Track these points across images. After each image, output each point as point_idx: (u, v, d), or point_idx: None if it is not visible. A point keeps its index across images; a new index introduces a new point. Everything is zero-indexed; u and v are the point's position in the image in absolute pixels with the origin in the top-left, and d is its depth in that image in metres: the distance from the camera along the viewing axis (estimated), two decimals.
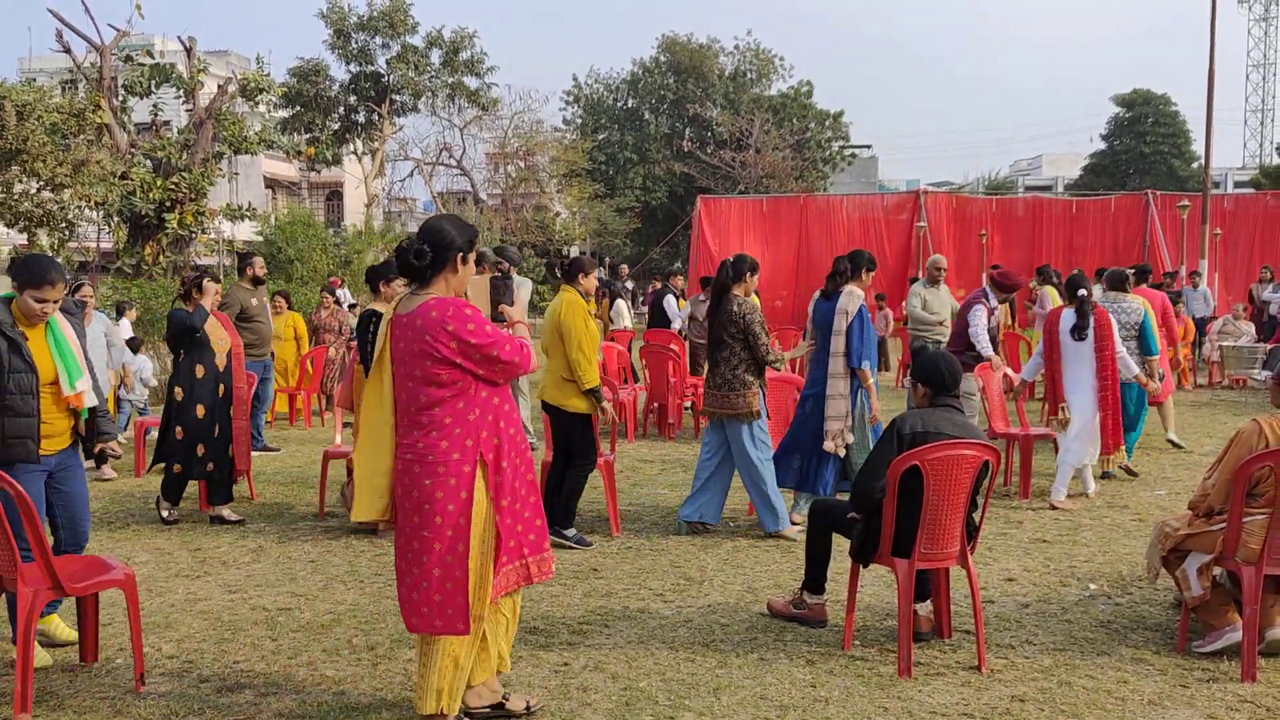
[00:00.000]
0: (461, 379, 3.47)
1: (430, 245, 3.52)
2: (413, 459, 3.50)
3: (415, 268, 3.53)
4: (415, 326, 3.45)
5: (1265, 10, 66.93)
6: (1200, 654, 4.45)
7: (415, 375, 3.48)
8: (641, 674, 4.28)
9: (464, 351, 3.43)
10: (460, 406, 3.48)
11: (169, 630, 4.83)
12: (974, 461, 4.24)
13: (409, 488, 3.51)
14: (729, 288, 6.49)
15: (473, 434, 3.49)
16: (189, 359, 6.98)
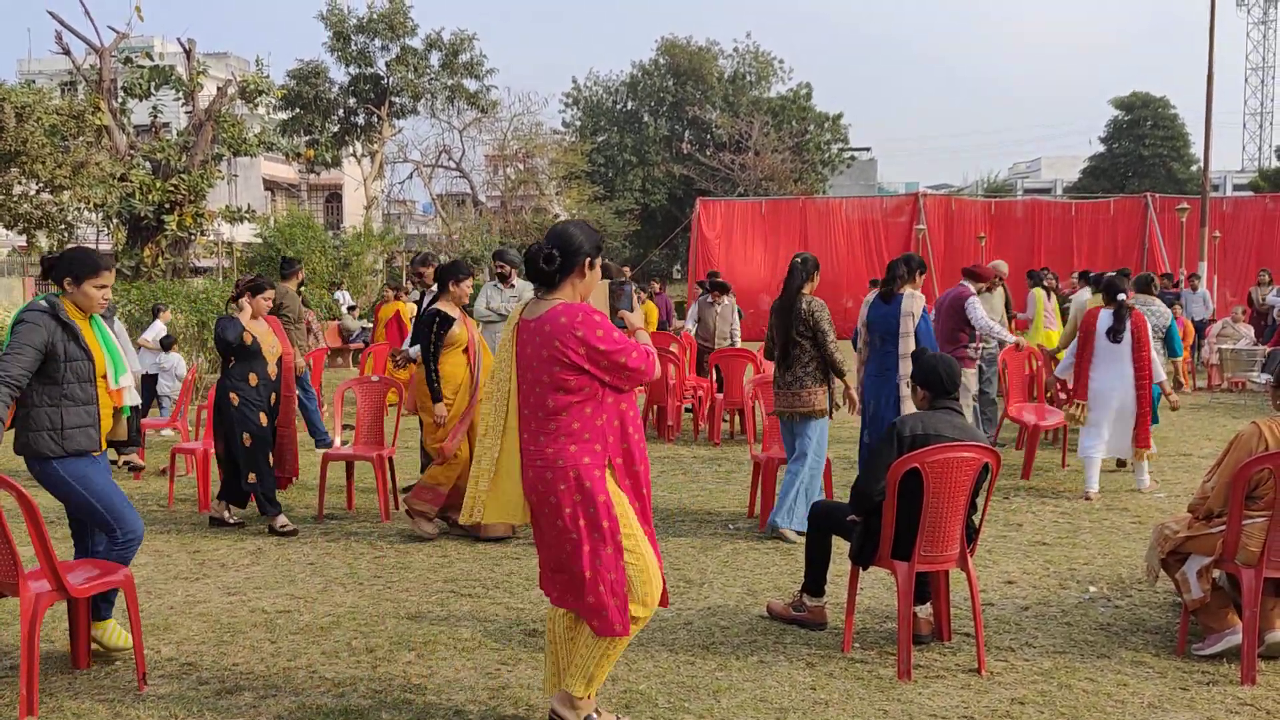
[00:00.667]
0: (589, 385, 3.43)
1: (559, 250, 3.48)
2: (543, 465, 3.47)
3: (544, 272, 3.50)
4: (544, 332, 3.42)
5: (1264, 13, 67.06)
6: (1200, 657, 4.45)
7: (543, 381, 3.44)
8: (641, 676, 4.28)
9: (592, 358, 3.39)
10: (588, 412, 3.45)
11: (168, 632, 4.83)
12: (974, 464, 4.24)
13: (544, 495, 3.48)
14: (800, 288, 6.50)
15: (601, 439, 3.47)
16: (240, 367, 6.77)
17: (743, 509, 7.30)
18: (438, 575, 5.74)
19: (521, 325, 3.54)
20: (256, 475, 6.75)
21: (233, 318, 6.85)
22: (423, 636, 4.74)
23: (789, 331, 6.45)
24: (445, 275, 6.77)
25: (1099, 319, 7.62)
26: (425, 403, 6.59)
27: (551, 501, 3.46)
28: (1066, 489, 7.98)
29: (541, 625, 4.89)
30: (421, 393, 6.63)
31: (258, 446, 6.77)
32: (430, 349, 6.49)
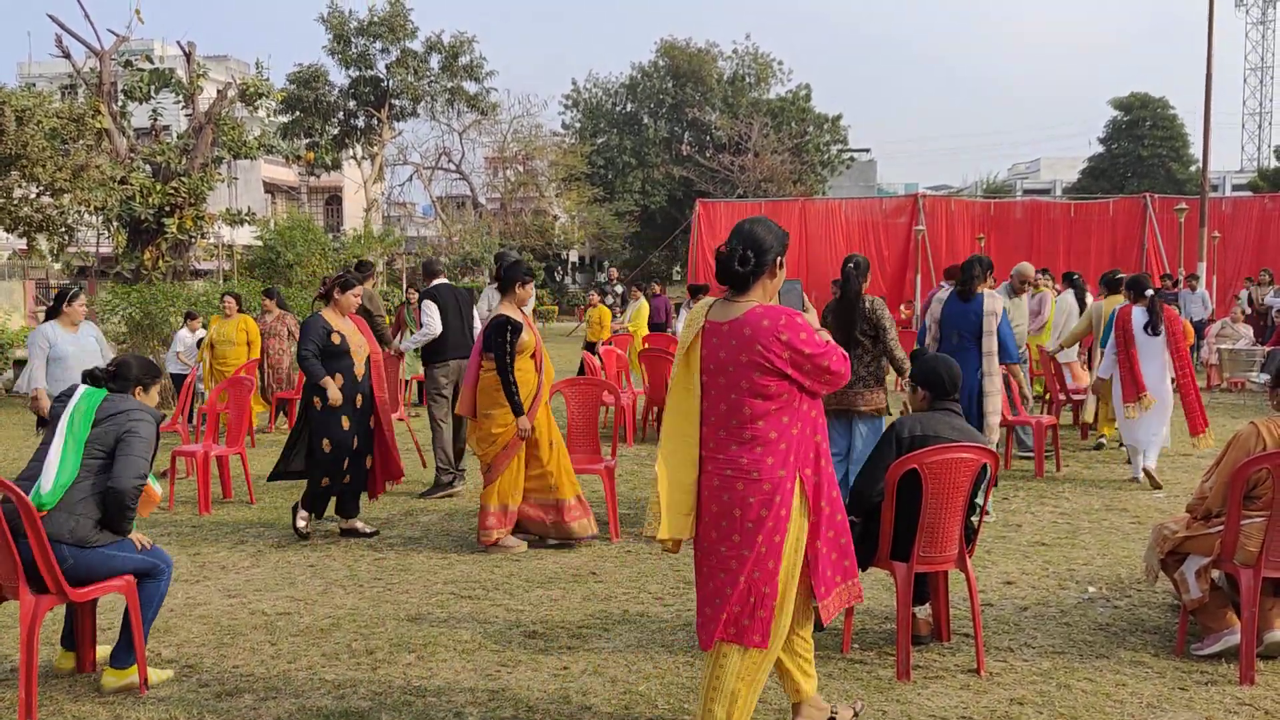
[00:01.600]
0: (788, 391, 3.31)
1: (752, 251, 3.36)
2: (734, 474, 3.33)
3: (738, 275, 3.37)
4: (743, 335, 3.29)
5: (1262, 14, 67.09)
6: (1199, 656, 4.45)
7: (740, 386, 3.31)
8: (641, 678, 4.29)
9: (795, 361, 3.27)
10: (785, 420, 3.32)
11: (168, 635, 4.83)
12: (972, 465, 4.25)
13: (730, 504, 3.33)
14: (860, 289, 6.59)
15: (796, 449, 3.35)
16: (327, 366, 6.56)
17: None
18: (438, 577, 5.75)
19: (710, 328, 3.40)
20: (329, 480, 6.59)
21: (318, 316, 6.70)
22: (423, 638, 4.75)
23: (850, 331, 6.52)
24: (511, 276, 6.41)
25: (1133, 315, 7.99)
26: (493, 408, 6.23)
27: (735, 514, 3.33)
28: (1065, 490, 7.99)
29: (541, 628, 4.90)
30: (488, 399, 6.26)
31: (337, 453, 6.56)
32: (506, 358, 6.15)
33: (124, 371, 4.40)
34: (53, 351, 7.16)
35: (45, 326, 7.41)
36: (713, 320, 3.42)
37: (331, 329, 6.62)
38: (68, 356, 7.18)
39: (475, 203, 39.93)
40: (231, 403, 8.11)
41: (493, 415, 6.21)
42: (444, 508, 7.53)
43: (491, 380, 6.21)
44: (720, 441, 3.38)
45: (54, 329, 7.35)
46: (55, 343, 7.17)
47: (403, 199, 41.73)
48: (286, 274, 21.62)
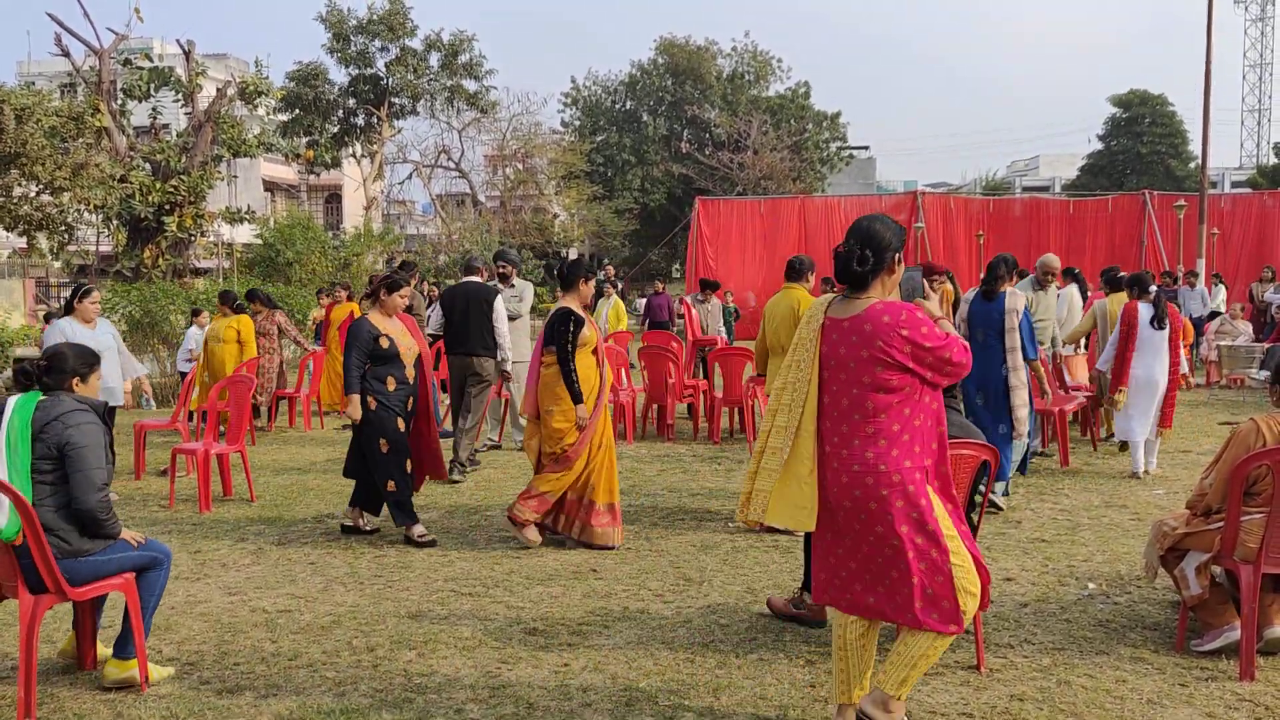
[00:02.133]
0: (911, 384, 3.36)
1: (871, 249, 3.42)
2: (862, 470, 3.37)
3: (857, 273, 3.43)
4: (864, 331, 3.35)
5: (1261, 10, 67.05)
6: (1199, 653, 4.46)
7: (863, 382, 3.37)
8: (641, 674, 4.29)
9: (917, 355, 3.33)
10: (907, 413, 3.38)
11: (169, 632, 4.84)
12: (972, 461, 4.25)
13: (862, 500, 3.38)
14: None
15: (920, 441, 3.40)
16: (378, 370, 6.44)
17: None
18: (438, 574, 5.76)
19: (831, 324, 3.46)
20: (395, 484, 6.42)
21: (365, 318, 6.55)
22: (423, 635, 4.76)
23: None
24: (574, 273, 6.44)
25: (1139, 311, 8.18)
26: (554, 404, 6.22)
27: (871, 508, 3.37)
28: (1065, 486, 7.99)
29: (541, 625, 4.90)
30: (549, 395, 6.24)
31: (394, 453, 6.44)
32: (568, 350, 6.18)
33: (58, 364, 4.18)
34: None
35: (62, 323, 7.40)
36: (833, 317, 3.47)
37: (378, 333, 6.45)
38: None
39: (475, 201, 39.89)
40: (232, 401, 8.11)
41: (553, 412, 6.21)
42: (445, 505, 7.53)
43: (553, 375, 6.22)
44: (844, 436, 3.43)
45: (71, 325, 7.34)
46: (73, 339, 7.08)
47: (402, 197, 41.71)
48: (286, 272, 21.63)
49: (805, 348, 3.53)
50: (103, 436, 4.13)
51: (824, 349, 3.47)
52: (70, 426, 4.02)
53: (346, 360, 6.42)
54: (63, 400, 4.11)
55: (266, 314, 11.28)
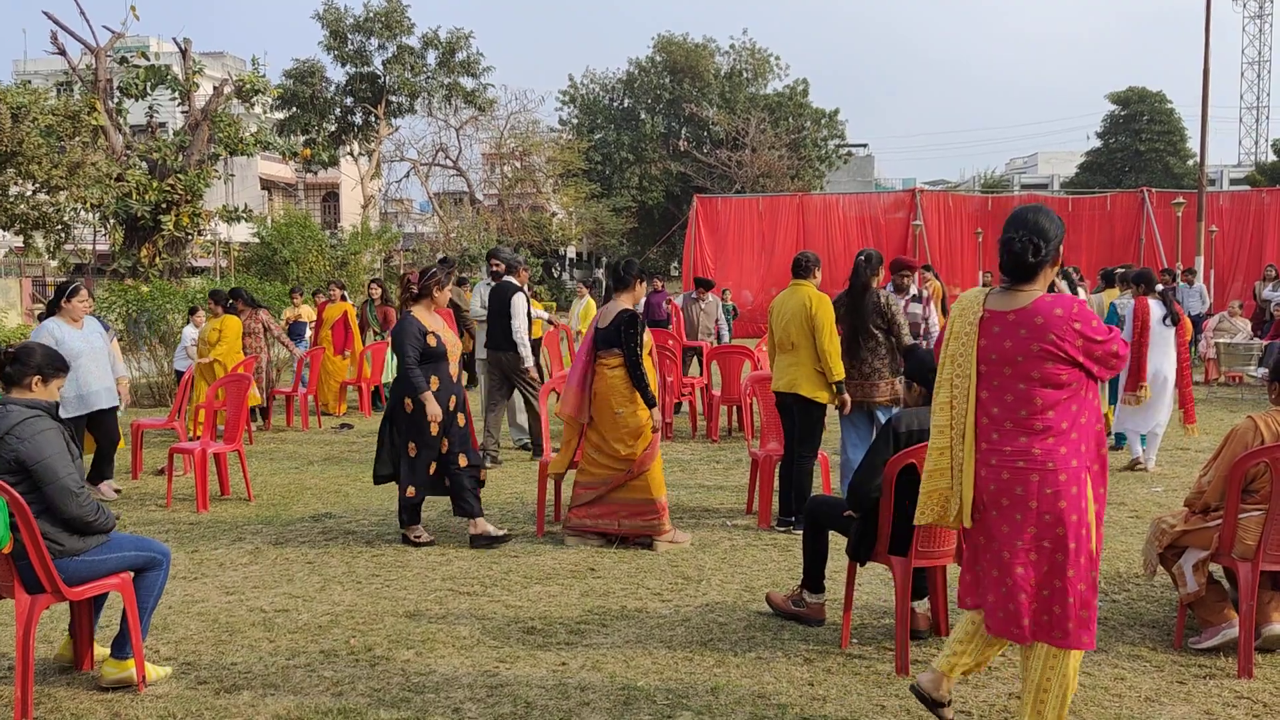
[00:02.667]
0: (1078, 379, 3.30)
1: (1041, 241, 3.34)
2: (1028, 466, 3.30)
3: (1029, 265, 3.34)
4: (1033, 325, 3.28)
5: (1260, 7, 67.03)
6: (1197, 650, 4.45)
7: (1031, 377, 3.29)
8: (639, 673, 4.28)
9: (1088, 349, 3.27)
10: (1074, 409, 3.31)
11: (166, 632, 4.83)
12: None
13: (1025, 497, 3.30)
14: (868, 283, 6.86)
15: (1086, 439, 3.33)
16: (424, 369, 6.24)
17: (740, 505, 7.30)
18: (436, 573, 5.75)
19: (992, 318, 3.37)
20: (416, 489, 6.28)
21: (411, 318, 6.33)
22: (421, 635, 4.75)
23: (862, 324, 6.80)
24: (630, 273, 6.40)
25: (1151, 308, 8.36)
26: (625, 405, 6.17)
27: (1031, 506, 3.29)
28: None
29: (539, 624, 4.89)
30: (618, 397, 6.16)
31: (421, 459, 6.28)
32: (638, 353, 6.15)
33: (24, 357, 4.11)
34: (61, 350, 7.04)
35: (49, 323, 7.26)
36: (994, 310, 3.38)
37: (427, 330, 6.27)
38: (79, 354, 7.03)
39: (473, 199, 39.88)
40: (229, 400, 8.10)
41: (623, 414, 6.15)
42: (442, 504, 7.51)
43: (619, 378, 6.17)
44: (1007, 433, 3.35)
45: (59, 326, 7.20)
46: (62, 340, 7.03)
47: (400, 195, 41.68)
48: (283, 270, 21.60)
49: (961, 342, 3.43)
50: (61, 439, 4.04)
51: (984, 343, 3.37)
52: (25, 440, 3.92)
53: (405, 359, 6.22)
54: (11, 411, 3.99)
55: (250, 313, 11.11)
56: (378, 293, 13.59)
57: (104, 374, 7.43)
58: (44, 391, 4.16)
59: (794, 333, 6.47)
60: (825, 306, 6.47)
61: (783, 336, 6.56)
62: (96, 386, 7.36)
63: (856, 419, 6.89)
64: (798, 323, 6.47)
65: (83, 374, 7.18)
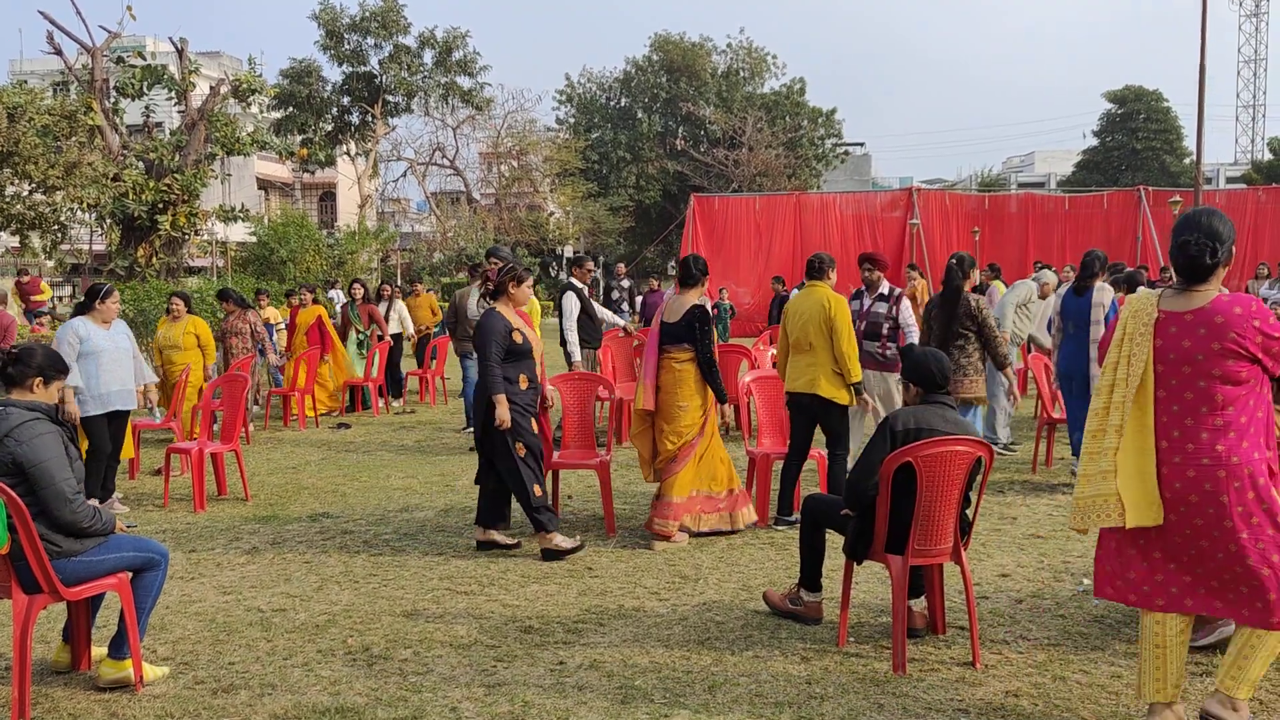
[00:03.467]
0: (1256, 375, 3.41)
1: (1218, 243, 3.45)
2: (1213, 464, 3.38)
3: (1206, 267, 3.45)
4: (1213, 324, 3.38)
5: (1256, 6, 67.08)
6: (1193, 648, 4.46)
7: (1211, 374, 3.39)
8: (637, 672, 4.29)
9: (1266, 346, 3.37)
10: (1252, 404, 3.41)
11: (163, 632, 4.82)
12: (967, 458, 4.25)
13: (1210, 494, 3.38)
14: (961, 285, 7.30)
15: (1265, 433, 3.43)
16: (511, 369, 6.03)
17: None
18: (433, 573, 5.75)
19: (1168, 319, 3.47)
20: (540, 489, 6.06)
21: (498, 313, 6.09)
22: (418, 634, 4.75)
23: (952, 325, 7.17)
24: (700, 269, 6.44)
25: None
26: (689, 400, 6.25)
27: (1221, 500, 3.37)
28: (1061, 481, 8.00)
29: (537, 623, 4.89)
30: (684, 390, 6.23)
31: (533, 457, 6.06)
32: (709, 345, 6.25)
33: (26, 358, 4.10)
34: (84, 347, 6.95)
35: (75, 322, 7.17)
36: (1170, 311, 3.48)
37: (512, 327, 6.06)
38: (102, 352, 7.02)
39: (470, 198, 39.86)
40: (226, 400, 8.09)
41: (686, 408, 6.26)
42: (439, 504, 7.52)
43: (687, 372, 6.24)
44: (1188, 430, 3.43)
45: (85, 324, 7.12)
46: (87, 338, 7.00)
47: (397, 195, 41.69)
48: (280, 270, 21.60)
49: (1136, 343, 3.51)
50: (60, 443, 4.03)
51: (1161, 343, 3.46)
52: (23, 443, 3.92)
53: (485, 358, 5.98)
54: (10, 414, 3.99)
55: (239, 314, 10.84)
56: (360, 292, 13.24)
57: (125, 376, 7.23)
58: (44, 393, 4.16)
59: (811, 333, 6.49)
60: (843, 308, 6.51)
61: (800, 337, 6.55)
62: (116, 387, 7.16)
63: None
64: (815, 324, 6.48)
65: (104, 373, 7.05)
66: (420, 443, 10.42)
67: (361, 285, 13.45)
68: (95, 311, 7.20)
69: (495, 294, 6.20)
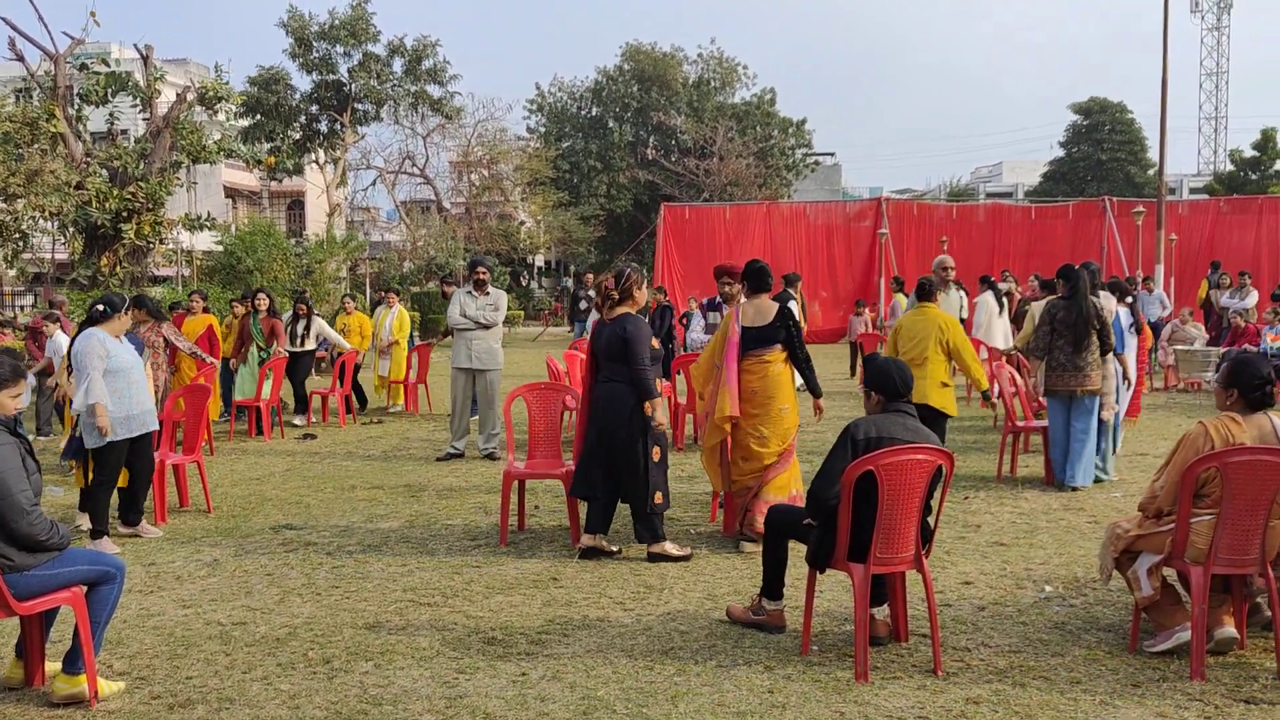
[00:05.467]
0: None
1: None
2: None
3: None
4: None
5: (1217, 20, 68.26)
6: (1152, 654, 4.51)
7: None
8: (600, 682, 4.27)
9: None
10: None
11: (120, 647, 4.75)
12: (927, 466, 4.28)
13: None
14: (1090, 292, 7.96)
15: None
16: (653, 371, 6.20)
17: (705, 514, 7.30)
18: (397, 584, 5.70)
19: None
20: (663, 495, 6.06)
21: (638, 318, 6.21)
22: (380, 646, 4.71)
23: (1085, 326, 7.79)
24: (769, 276, 6.66)
25: (1120, 316, 8.67)
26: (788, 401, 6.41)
27: None
28: (1025, 490, 8.07)
29: (500, 634, 4.86)
30: (782, 393, 6.38)
31: (664, 459, 6.11)
32: (803, 344, 6.51)
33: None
34: (111, 363, 6.48)
35: (98, 333, 6.57)
36: None
37: (650, 334, 6.22)
38: (129, 368, 6.58)
39: (440, 207, 39.73)
40: (188, 410, 8.00)
41: (788, 409, 6.43)
42: (405, 514, 7.47)
43: (784, 373, 6.44)
44: None
45: (108, 337, 6.58)
46: (114, 353, 6.52)
47: (367, 204, 41.44)
48: (247, 279, 21.39)
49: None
50: (18, 454, 3.96)
51: None
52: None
53: (640, 362, 6.03)
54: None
55: (152, 325, 9.83)
56: (265, 304, 12.24)
57: (149, 394, 6.83)
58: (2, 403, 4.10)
59: (928, 349, 7.49)
60: (958, 329, 7.68)
61: (916, 353, 7.43)
62: (148, 406, 6.75)
63: (1059, 404, 7.95)
64: (932, 342, 7.50)
65: (136, 390, 6.60)
66: (387, 453, 10.35)
67: (268, 296, 12.42)
68: (114, 323, 6.64)
69: (620, 301, 6.25)
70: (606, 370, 6.17)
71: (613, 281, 6.31)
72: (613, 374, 6.12)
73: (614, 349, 6.13)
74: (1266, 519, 4.27)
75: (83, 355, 6.42)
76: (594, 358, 6.32)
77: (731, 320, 6.48)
